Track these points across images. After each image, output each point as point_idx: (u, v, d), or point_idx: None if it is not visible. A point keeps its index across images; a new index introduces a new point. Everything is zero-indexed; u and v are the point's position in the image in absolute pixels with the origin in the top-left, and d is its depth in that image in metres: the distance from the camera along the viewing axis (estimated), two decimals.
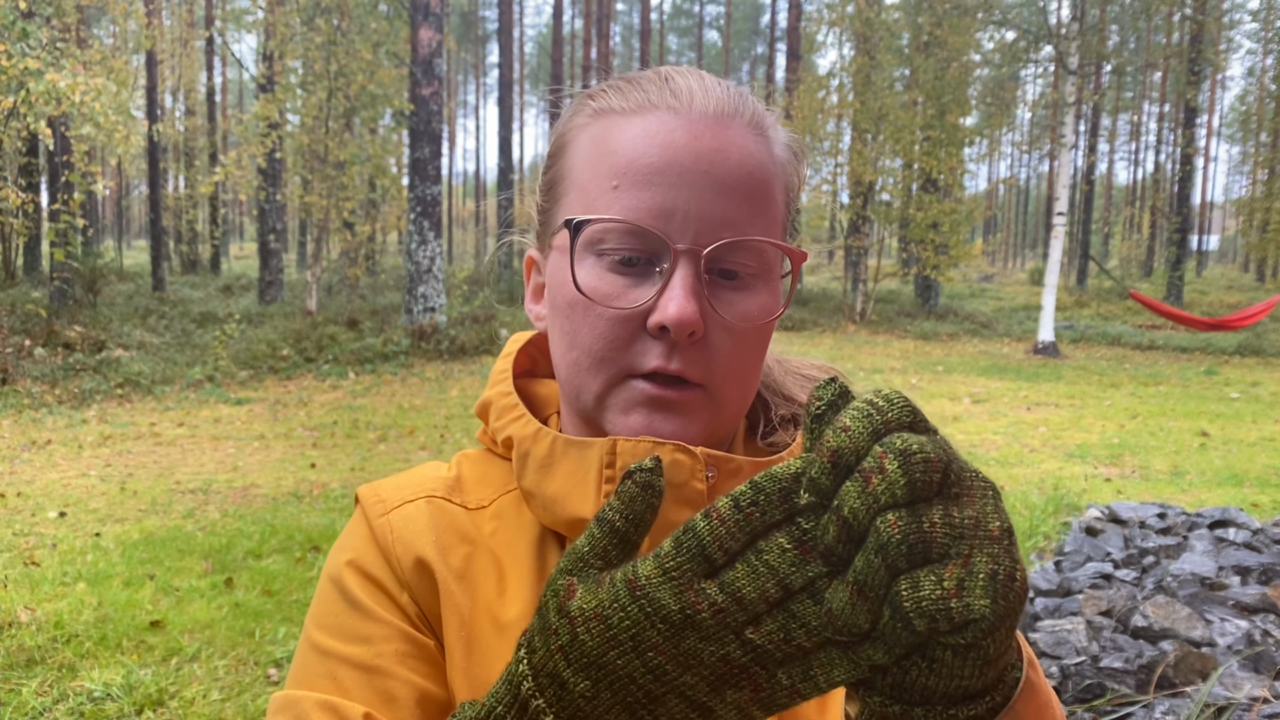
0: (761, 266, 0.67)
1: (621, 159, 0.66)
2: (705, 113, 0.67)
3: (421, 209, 14.03)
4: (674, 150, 0.65)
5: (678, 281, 0.64)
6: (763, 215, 0.67)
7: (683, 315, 0.63)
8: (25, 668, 3.58)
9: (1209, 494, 6.50)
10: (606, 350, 0.66)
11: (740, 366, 0.67)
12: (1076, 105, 16.01)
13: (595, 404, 0.68)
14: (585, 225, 0.66)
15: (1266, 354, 15.43)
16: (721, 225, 0.65)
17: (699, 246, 0.64)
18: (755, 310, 0.67)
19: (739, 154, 0.66)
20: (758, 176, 0.67)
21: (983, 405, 10.29)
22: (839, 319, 19.13)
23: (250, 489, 6.46)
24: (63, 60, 9.83)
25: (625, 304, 0.65)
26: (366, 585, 0.70)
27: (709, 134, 0.66)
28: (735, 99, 0.69)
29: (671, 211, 0.64)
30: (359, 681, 0.66)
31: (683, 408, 0.66)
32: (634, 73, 0.72)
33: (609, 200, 0.66)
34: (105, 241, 31.66)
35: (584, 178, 0.68)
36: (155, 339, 13.27)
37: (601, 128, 0.69)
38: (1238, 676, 3.06)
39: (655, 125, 0.66)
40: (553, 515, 0.69)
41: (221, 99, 37.27)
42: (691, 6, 53.04)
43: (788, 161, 0.72)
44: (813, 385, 0.80)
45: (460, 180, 63.67)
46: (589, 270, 0.67)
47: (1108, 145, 46.16)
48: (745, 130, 0.68)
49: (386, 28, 16.28)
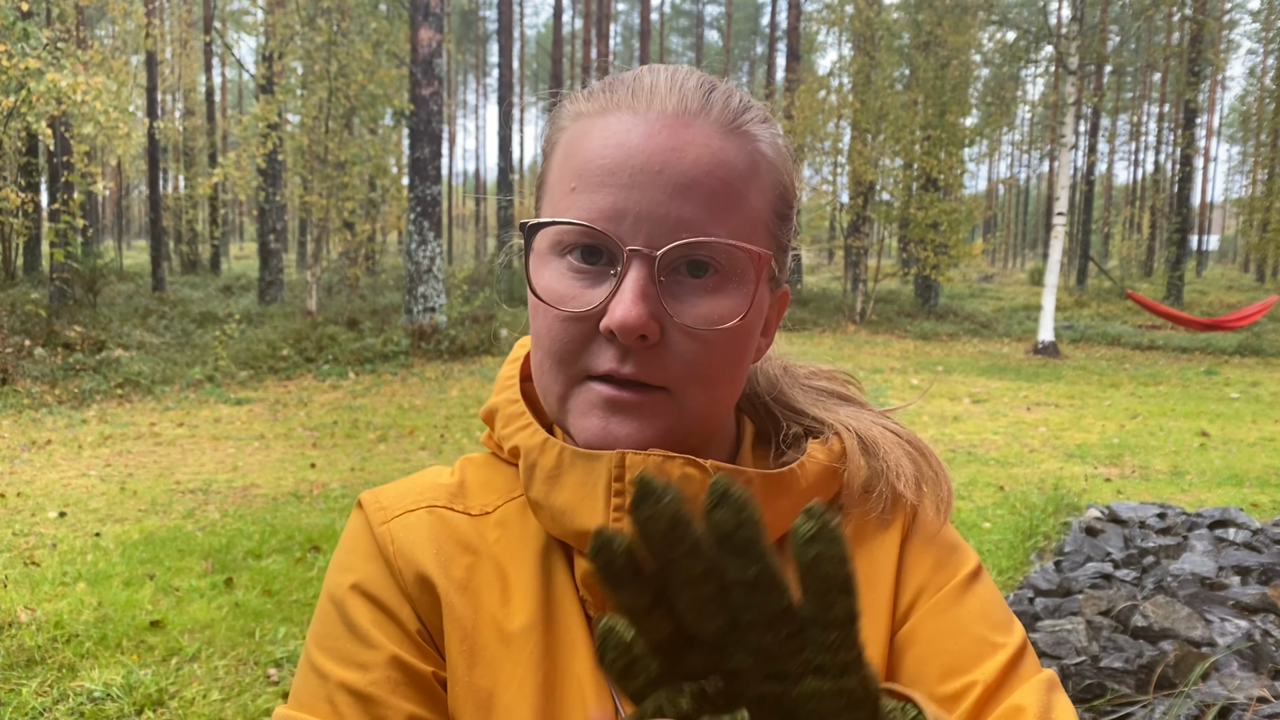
0: (726, 269, 0.65)
1: (579, 161, 0.65)
2: (664, 111, 0.65)
3: (421, 209, 14.03)
4: (627, 150, 0.64)
5: (627, 285, 0.63)
6: (727, 215, 0.65)
7: (626, 319, 0.62)
8: (25, 668, 3.58)
9: (1209, 494, 6.50)
10: (563, 352, 0.66)
11: (705, 370, 0.66)
12: (1076, 105, 16.01)
13: (558, 406, 0.68)
14: (538, 229, 0.66)
15: (1266, 354, 15.43)
16: (677, 226, 0.63)
17: (652, 248, 0.63)
18: (718, 313, 0.65)
19: (698, 152, 0.64)
20: (719, 175, 0.64)
21: (983, 405, 10.29)
22: (839, 319, 19.13)
23: (250, 489, 6.47)
24: (63, 60, 9.84)
25: (579, 306, 0.65)
26: (368, 607, 0.70)
27: (665, 133, 0.64)
28: (705, 96, 0.67)
29: (624, 213, 0.63)
30: (354, 708, 0.66)
31: (640, 410, 0.65)
32: (617, 74, 0.71)
33: (567, 203, 0.65)
34: (105, 241, 31.66)
35: (552, 180, 0.68)
36: (155, 339, 13.28)
37: (576, 130, 0.68)
38: (1237, 676, 3.06)
39: (614, 126, 0.65)
40: (560, 527, 0.69)
41: (221, 99, 37.28)
42: (691, 6, 53.05)
43: (774, 159, 0.69)
44: (821, 397, 0.80)
45: (460, 180, 63.68)
46: (550, 272, 0.66)
47: (1108, 145, 46.18)
48: (711, 128, 0.65)
49: (386, 28, 16.28)
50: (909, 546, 0.73)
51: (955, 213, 18.75)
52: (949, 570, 0.72)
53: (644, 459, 0.65)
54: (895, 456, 0.73)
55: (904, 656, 0.69)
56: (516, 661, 0.68)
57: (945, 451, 7.79)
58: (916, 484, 0.73)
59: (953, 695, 0.66)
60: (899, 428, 0.76)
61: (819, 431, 0.75)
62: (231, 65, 36.87)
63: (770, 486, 0.69)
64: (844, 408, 0.78)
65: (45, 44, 9.71)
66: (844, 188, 20.49)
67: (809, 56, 26.16)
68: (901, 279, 22.28)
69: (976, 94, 20.54)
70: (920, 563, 0.72)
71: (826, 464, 0.72)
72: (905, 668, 0.69)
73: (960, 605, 0.70)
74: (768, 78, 36.26)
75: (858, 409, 0.78)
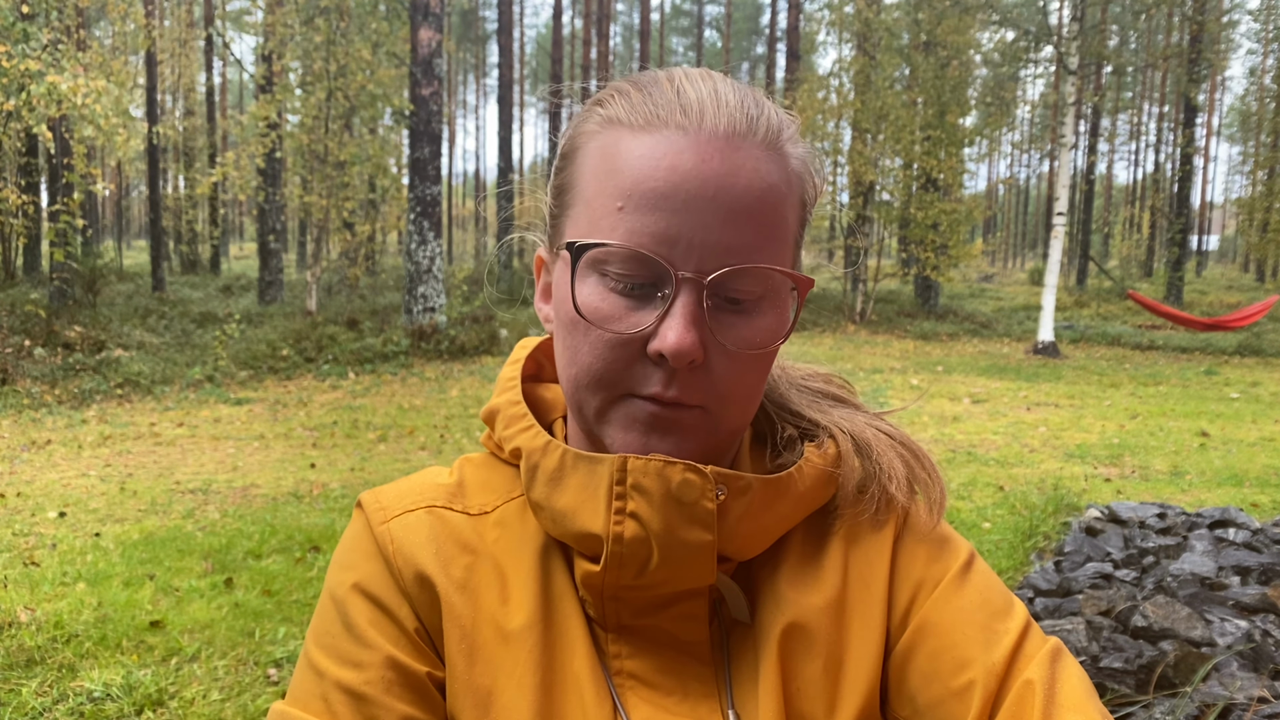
0: (767, 290, 0.66)
1: (627, 179, 0.64)
2: (715, 133, 0.64)
3: (421, 209, 14.04)
4: (681, 174, 0.63)
5: (678, 309, 0.63)
6: (771, 239, 0.65)
7: (680, 345, 0.62)
8: (25, 668, 3.58)
9: (1209, 494, 6.50)
10: (606, 371, 0.66)
11: (741, 390, 0.67)
12: (1076, 105, 16.01)
13: (596, 419, 0.68)
14: (588, 249, 0.65)
15: (1266, 354, 15.43)
16: (727, 252, 0.63)
17: (702, 274, 0.63)
18: (759, 336, 0.66)
19: (749, 177, 0.64)
20: (768, 200, 0.65)
21: (983, 405, 10.29)
22: (839, 319, 19.13)
23: (250, 489, 6.47)
24: (63, 62, 9.83)
25: (625, 328, 0.65)
26: (367, 607, 0.70)
27: (718, 157, 0.64)
28: (750, 114, 0.66)
29: (676, 238, 0.63)
30: (348, 707, 0.67)
31: (680, 427, 0.66)
32: (647, 75, 0.70)
33: (613, 222, 0.64)
34: (105, 241, 31.66)
35: (590, 192, 0.67)
36: (155, 339, 13.28)
37: (610, 139, 0.67)
38: (1237, 676, 3.06)
39: (663, 146, 0.64)
40: (561, 529, 0.69)
41: (221, 99, 37.28)
42: (691, 6, 53.04)
43: (803, 175, 0.70)
44: (816, 399, 0.80)
45: (460, 180, 63.67)
46: (591, 289, 0.66)
47: (1108, 145, 46.18)
48: (758, 150, 0.65)
49: (386, 28, 16.28)
50: (901, 545, 0.74)
51: (955, 213, 18.75)
52: (943, 564, 0.73)
53: (644, 463, 0.65)
54: (888, 458, 0.74)
55: (916, 655, 0.70)
56: (515, 660, 0.68)
57: (945, 452, 7.79)
58: (909, 485, 0.74)
59: (967, 686, 0.67)
60: (892, 429, 0.77)
61: (814, 434, 0.76)
62: (231, 65, 36.87)
63: (769, 491, 0.69)
64: (838, 409, 0.79)
65: (45, 45, 9.71)
66: (844, 188, 20.50)
67: (809, 56, 26.17)
68: (901, 279, 22.28)
69: (976, 94, 20.55)
70: (913, 559, 0.73)
71: (823, 468, 0.72)
72: (918, 665, 0.69)
73: (960, 596, 0.71)
74: (768, 78, 36.25)
75: (852, 411, 0.79)
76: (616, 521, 0.65)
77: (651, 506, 0.65)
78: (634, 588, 0.68)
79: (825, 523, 0.74)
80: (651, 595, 0.69)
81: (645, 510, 0.65)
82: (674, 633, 0.71)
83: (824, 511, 0.75)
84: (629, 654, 0.70)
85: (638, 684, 0.70)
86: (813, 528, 0.74)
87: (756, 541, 0.70)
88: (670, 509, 0.65)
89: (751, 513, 0.68)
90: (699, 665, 0.71)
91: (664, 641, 0.70)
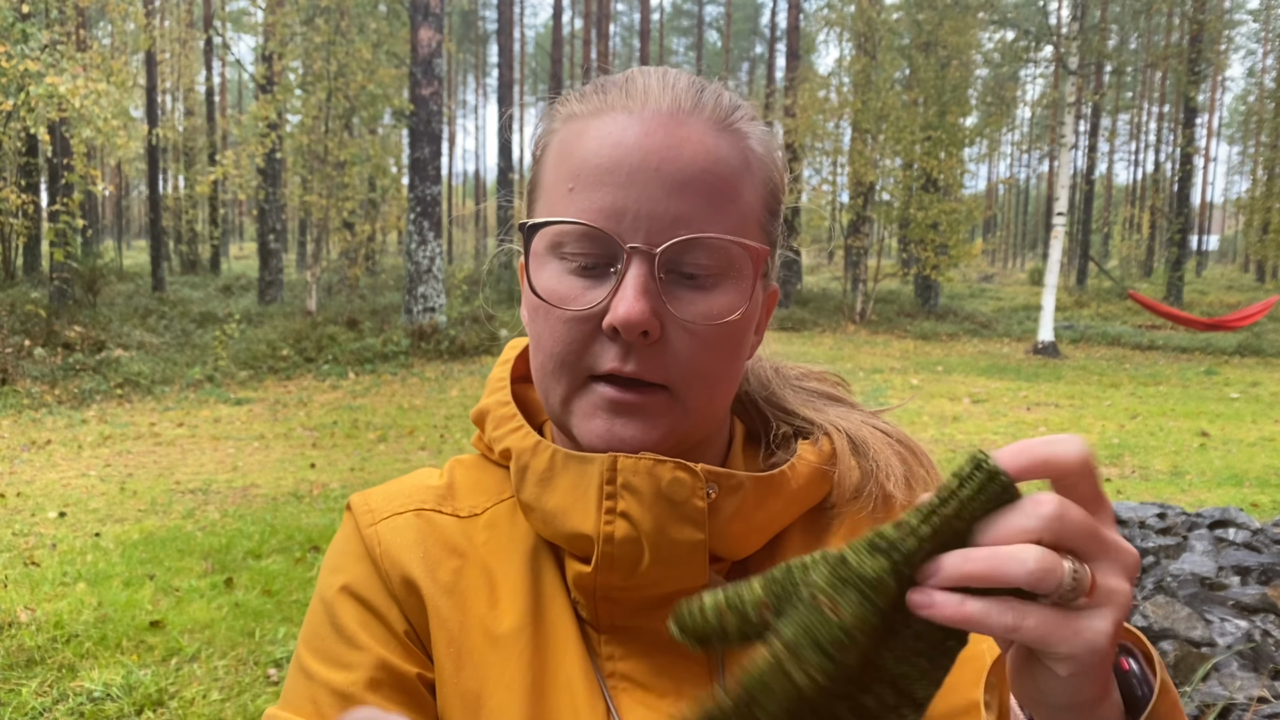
0: (724, 265, 0.65)
1: (576, 162, 0.65)
2: (659, 110, 0.65)
3: (421, 209, 14.04)
4: (624, 149, 0.64)
5: (629, 281, 0.63)
6: (724, 213, 0.65)
7: (630, 315, 0.62)
8: (25, 668, 3.58)
9: (1209, 494, 6.50)
10: (566, 353, 0.66)
11: (705, 367, 0.66)
12: (1076, 105, 16.01)
13: (561, 408, 0.68)
14: (538, 229, 0.66)
15: (1266, 354, 15.43)
16: (675, 223, 0.63)
17: (652, 245, 0.63)
18: (716, 309, 0.65)
19: (694, 149, 0.64)
20: (716, 172, 0.65)
21: (983, 405, 10.29)
22: (839, 319, 19.13)
23: (250, 489, 6.46)
24: (63, 63, 9.83)
25: (581, 305, 0.65)
26: (356, 609, 0.70)
27: (661, 130, 0.64)
28: (697, 95, 0.67)
29: (623, 211, 0.63)
30: (337, 709, 0.67)
31: (644, 410, 0.65)
32: (607, 76, 0.71)
33: (566, 203, 0.65)
34: (105, 241, 31.64)
35: (548, 182, 0.68)
36: (155, 339, 13.28)
37: (568, 132, 0.68)
38: (1237, 676, 3.06)
39: (609, 126, 0.65)
40: (552, 530, 0.69)
41: (220, 99, 37.27)
42: (691, 6, 53.03)
43: (765, 157, 0.69)
44: (812, 398, 0.80)
45: (460, 180, 63.65)
46: (550, 273, 0.66)
47: (1108, 145, 46.18)
48: (705, 126, 0.66)
49: (386, 28, 16.28)
50: None
51: (955, 213, 18.75)
52: None
53: (635, 462, 0.65)
54: (885, 456, 0.73)
55: None
56: (505, 663, 0.68)
57: (945, 452, 7.79)
58: (907, 483, 0.73)
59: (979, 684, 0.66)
60: (889, 427, 0.76)
61: (809, 432, 0.76)
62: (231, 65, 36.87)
63: (761, 489, 0.69)
64: (834, 408, 0.78)
65: (45, 46, 9.70)
66: (844, 188, 20.51)
67: (809, 56, 26.17)
68: (901, 279, 22.28)
69: (976, 94, 20.54)
70: None
71: (817, 465, 0.72)
72: None
73: None
74: (768, 78, 36.23)
75: (848, 409, 0.78)
76: (607, 521, 0.65)
77: (642, 506, 0.64)
78: (626, 588, 0.67)
79: (824, 521, 0.74)
80: (644, 596, 0.68)
81: (636, 510, 0.64)
82: (667, 634, 0.70)
83: (822, 510, 0.74)
84: (622, 655, 0.70)
85: (631, 686, 0.69)
86: (811, 526, 0.74)
87: (749, 540, 0.70)
88: (661, 508, 0.64)
89: (743, 511, 0.68)
90: (693, 667, 0.70)
91: (657, 643, 0.70)
